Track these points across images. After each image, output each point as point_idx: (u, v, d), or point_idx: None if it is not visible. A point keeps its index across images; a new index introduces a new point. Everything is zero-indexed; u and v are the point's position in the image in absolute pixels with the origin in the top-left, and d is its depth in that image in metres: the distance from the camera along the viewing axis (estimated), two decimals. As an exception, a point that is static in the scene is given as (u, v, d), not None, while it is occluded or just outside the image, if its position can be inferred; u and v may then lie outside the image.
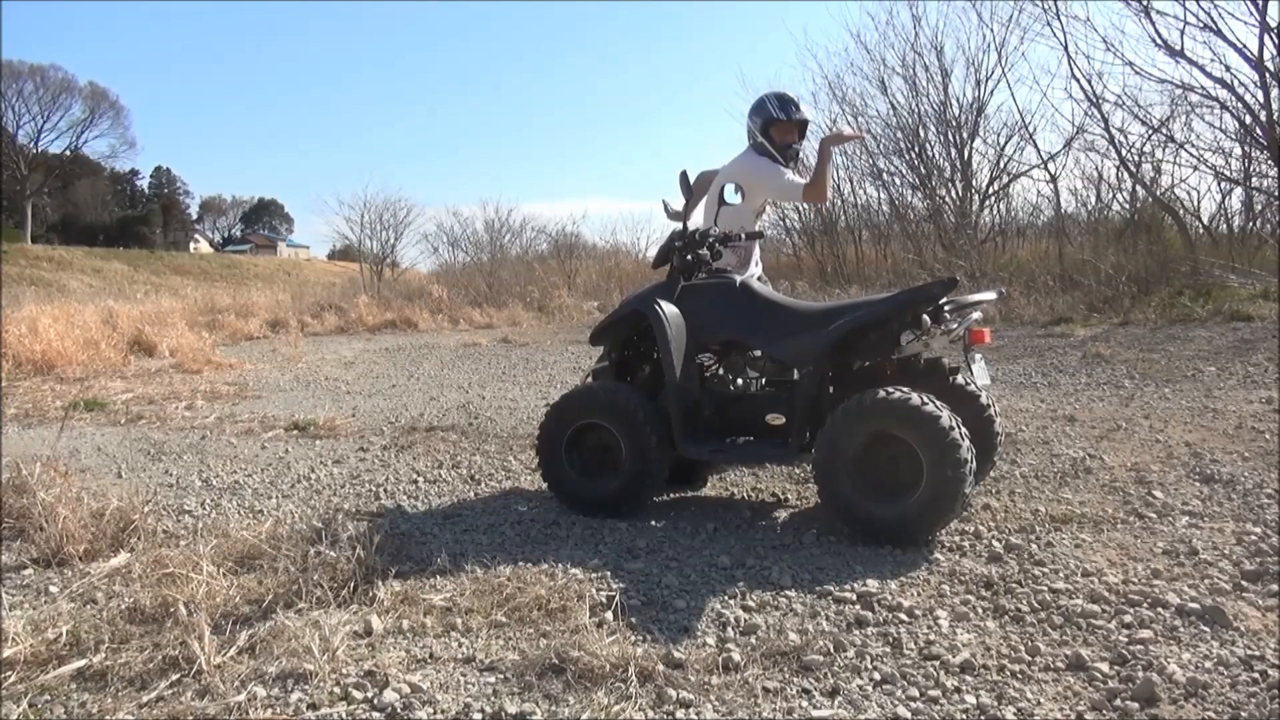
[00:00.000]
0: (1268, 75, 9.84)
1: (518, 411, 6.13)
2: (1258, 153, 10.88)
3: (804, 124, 4.13)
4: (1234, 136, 11.09)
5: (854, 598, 2.65)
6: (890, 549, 3.02)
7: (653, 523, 3.44)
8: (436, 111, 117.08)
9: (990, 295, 3.67)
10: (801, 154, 4.24)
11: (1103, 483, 3.74)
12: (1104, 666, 2.18)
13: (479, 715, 2.06)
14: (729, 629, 2.48)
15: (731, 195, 3.79)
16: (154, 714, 2.08)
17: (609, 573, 2.86)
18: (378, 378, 8.47)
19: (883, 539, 3.05)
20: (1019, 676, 2.16)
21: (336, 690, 2.15)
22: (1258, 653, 2.22)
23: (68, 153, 52.63)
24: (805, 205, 15.16)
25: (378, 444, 5.18)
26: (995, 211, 14.25)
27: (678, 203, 4.33)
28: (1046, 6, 11.76)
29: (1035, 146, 13.31)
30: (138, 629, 2.49)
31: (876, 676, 2.19)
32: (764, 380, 3.85)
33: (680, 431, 3.47)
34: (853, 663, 2.26)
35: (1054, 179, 13.02)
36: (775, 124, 4.03)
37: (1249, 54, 9.92)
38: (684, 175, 3.89)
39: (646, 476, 3.48)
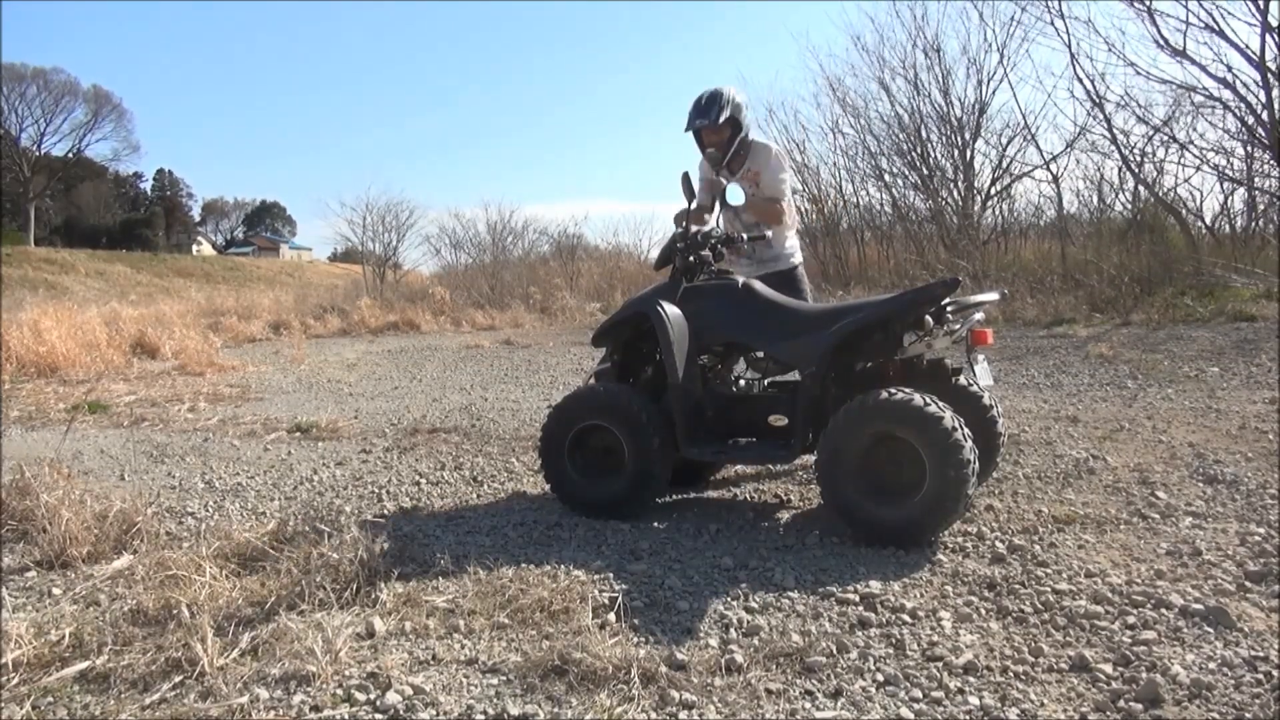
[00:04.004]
0: (1270, 75, 9.83)
1: (520, 413, 6.13)
2: (1260, 152, 10.87)
3: (713, 128, 3.94)
4: (1236, 136, 11.08)
5: (857, 599, 2.64)
6: (893, 550, 3.01)
7: (655, 524, 3.44)
8: (438, 113, 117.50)
9: (992, 296, 3.66)
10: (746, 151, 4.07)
11: (1106, 483, 3.74)
12: (1107, 668, 2.17)
13: (481, 717, 2.05)
14: (732, 630, 2.47)
15: (735, 195, 3.79)
16: (156, 716, 2.08)
17: (611, 574, 2.86)
18: (380, 379, 8.48)
19: (886, 540, 3.05)
20: (1022, 678, 2.16)
21: (339, 692, 2.15)
22: (1261, 654, 2.21)
23: (71, 155, 52.80)
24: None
25: (380, 446, 5.18)
26: (997, 212, 14.24)
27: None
28: (1050, 6, 11.78)
29: (1037, 147, 13.30)
30: (140, 631, 2.49)
31: (879, 678, 2.19)
32: (766, 381, 3.85)
33: (683, 433, 3.47)
34: (856, 664, 2.26)
35: (1056, 179, 13.03)
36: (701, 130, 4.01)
37: (1251, 54, 9.92)
38: (686, 177, 3.89)
39: (649, 478, 3.47)
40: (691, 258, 3.68)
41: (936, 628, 2.44)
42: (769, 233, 4.05)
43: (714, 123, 3.95)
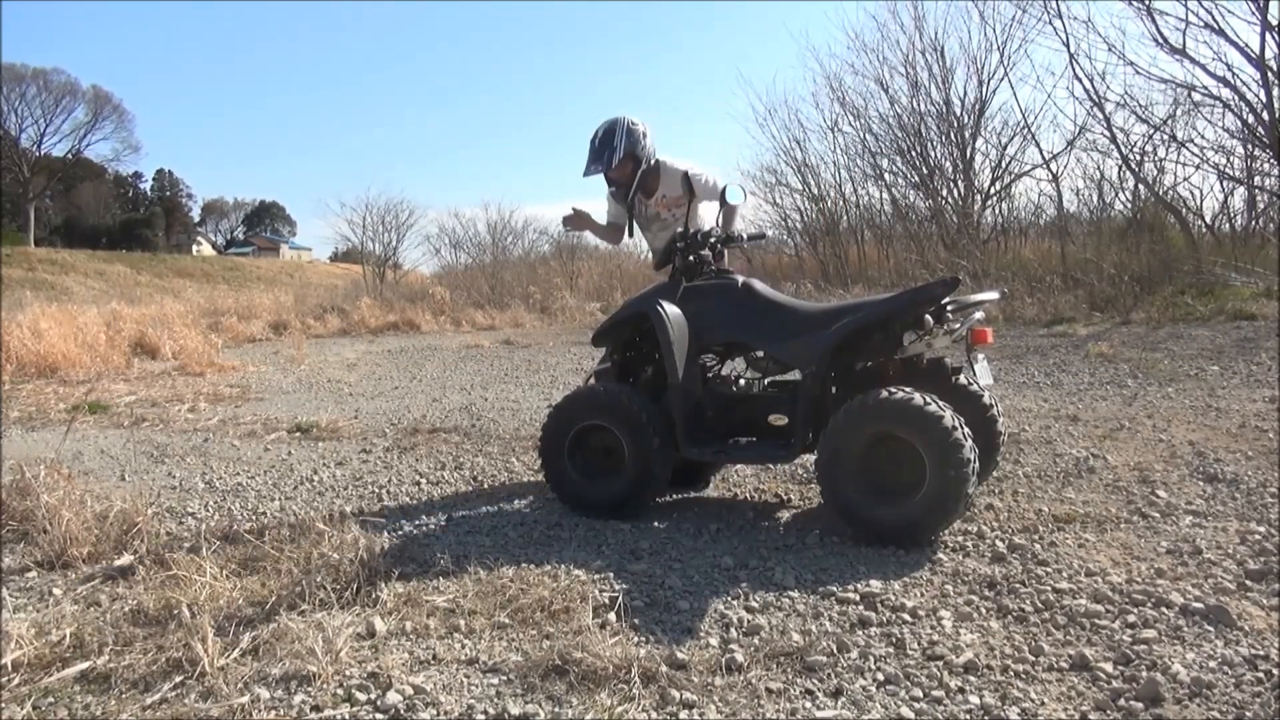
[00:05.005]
0: (1269, 74, 9.84)
1: (520, 413, 6.13)
2: (1260, 151, 10.88)
3: (621, 169, 3.91)
4: (1236, 135, 11.09)
5: (857, 598, 2.65)
6: (893, 549, 3.01)
7: (655, 524, 3.44)
8: (438, 114, 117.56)
9: (992, 295, 3.66)
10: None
11: (1106, 482, 3.74)
12: (1108, 666, 2.17)
13: (482, 717, 2.06)
14: (732, 630, 2.47)
15: (734, 195, 3.79)
16: (157, 716, 2.08)
17: (612, 574, 2.86)
18: (380, 379, 8.47)
19: (886, 539, 3.05)
20: (1023, 677, 2.16)
21: (340, 692, 2.15)
22: (1262, 652, 2.21)
23: (70, 156, 52.79)
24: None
25: (380, 446, 5.18)
26: (997, 211, 14.26)
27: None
28: (1049, 6, 11.79)
29: (1037, 146, 13.31)
30: (141, 631, 2.49)
31: (880, 677, 2.19)
32: (766, 381, 3.85)
33: (683, 432, 3.47)
34: (856, 663, 2.26)
35: (1056, 179, 13.04)
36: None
37: (1250, 53, 9.93)
38: (685, 176, 3.90)
39: (649, 478, 3.47)
40: (691, 258, 3.68)
41: (937, 627, 2.44)
42: (768, 235, 4.04)
43: (609, 166, 3.89)
